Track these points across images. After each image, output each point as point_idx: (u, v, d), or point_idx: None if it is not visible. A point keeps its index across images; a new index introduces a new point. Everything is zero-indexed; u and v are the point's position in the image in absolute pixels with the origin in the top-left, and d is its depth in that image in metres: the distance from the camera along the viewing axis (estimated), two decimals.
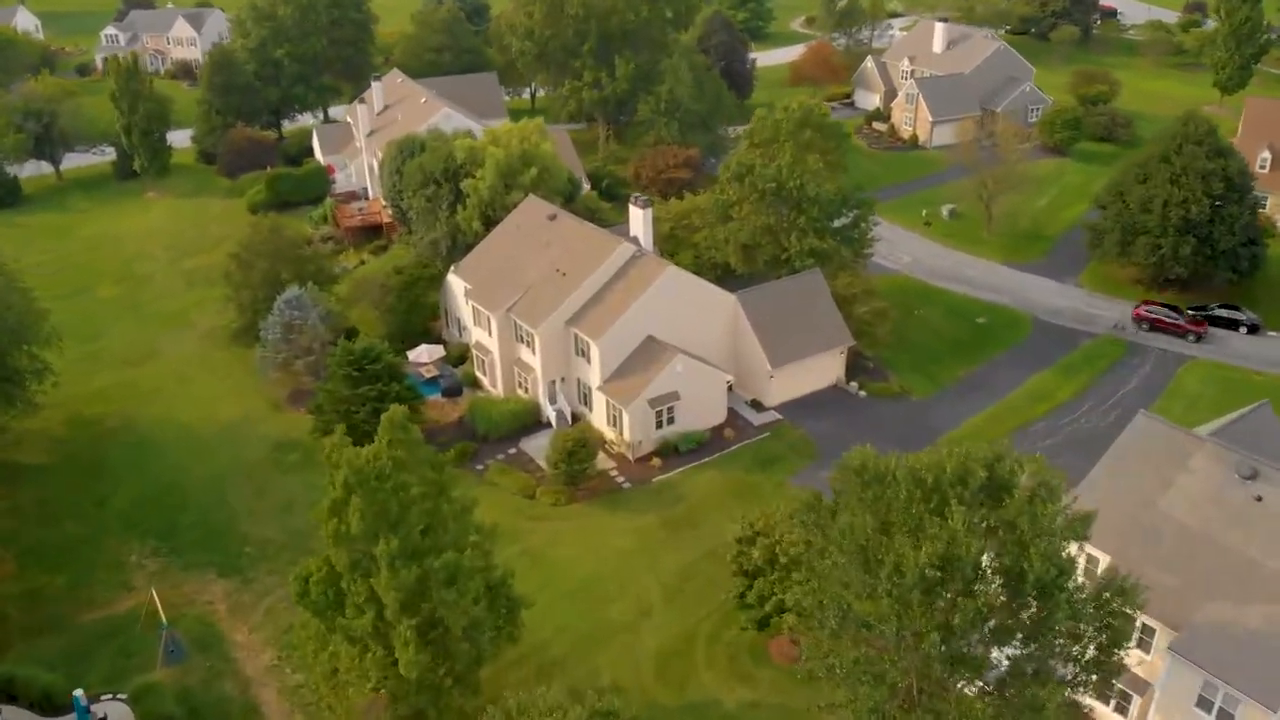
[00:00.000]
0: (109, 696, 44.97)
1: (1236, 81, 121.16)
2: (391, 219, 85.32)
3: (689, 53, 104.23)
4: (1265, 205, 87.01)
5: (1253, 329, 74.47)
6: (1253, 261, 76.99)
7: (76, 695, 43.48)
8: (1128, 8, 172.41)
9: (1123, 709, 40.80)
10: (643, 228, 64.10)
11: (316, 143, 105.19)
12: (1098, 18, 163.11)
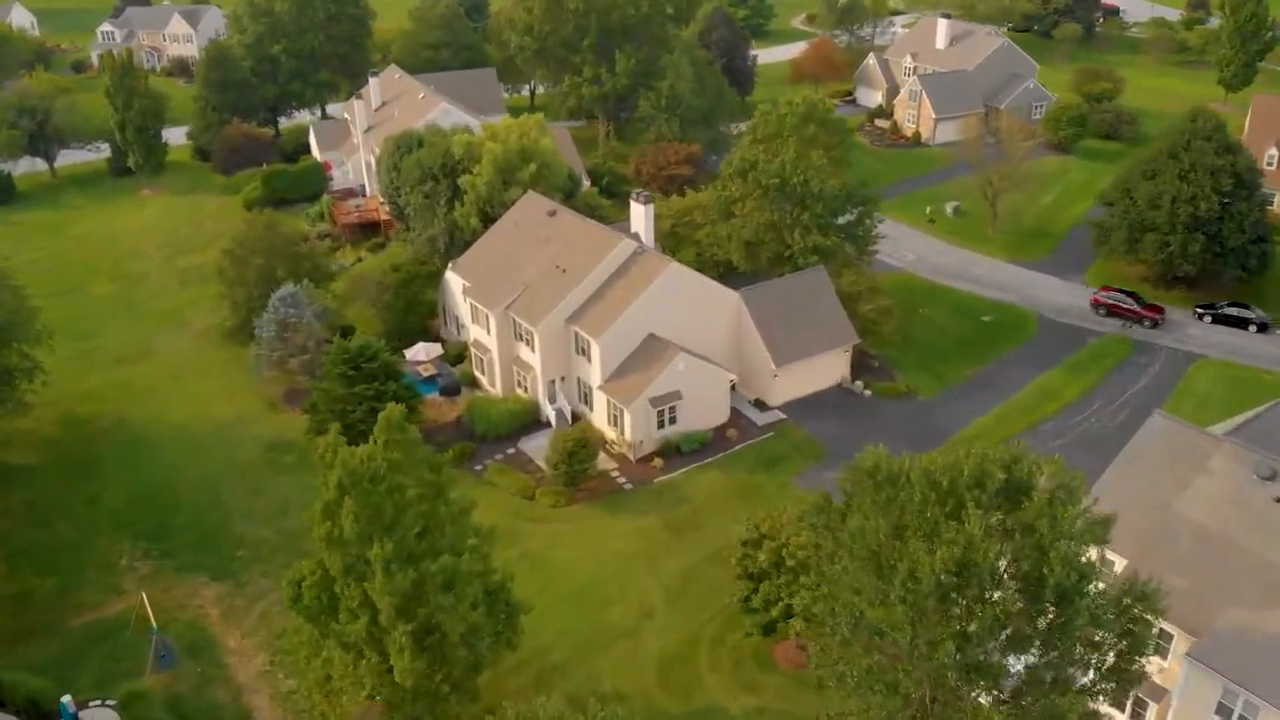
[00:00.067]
0: (97, 702, 44.02)
1: (1241, 79, 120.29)
2: (389, 216, 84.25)
3: (690, 48, 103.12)
4: (1274, 202, 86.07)
5: (1262, 327, 73.46)
6: (1262, 259, 75.89)
7: (64, 701, 42.62)
8: (1130, 5, 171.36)
9: (1138, 716, 39.72)
10: (644, 224, 63.02)
11: (313, 139, 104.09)
12: (1100, 15, 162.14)
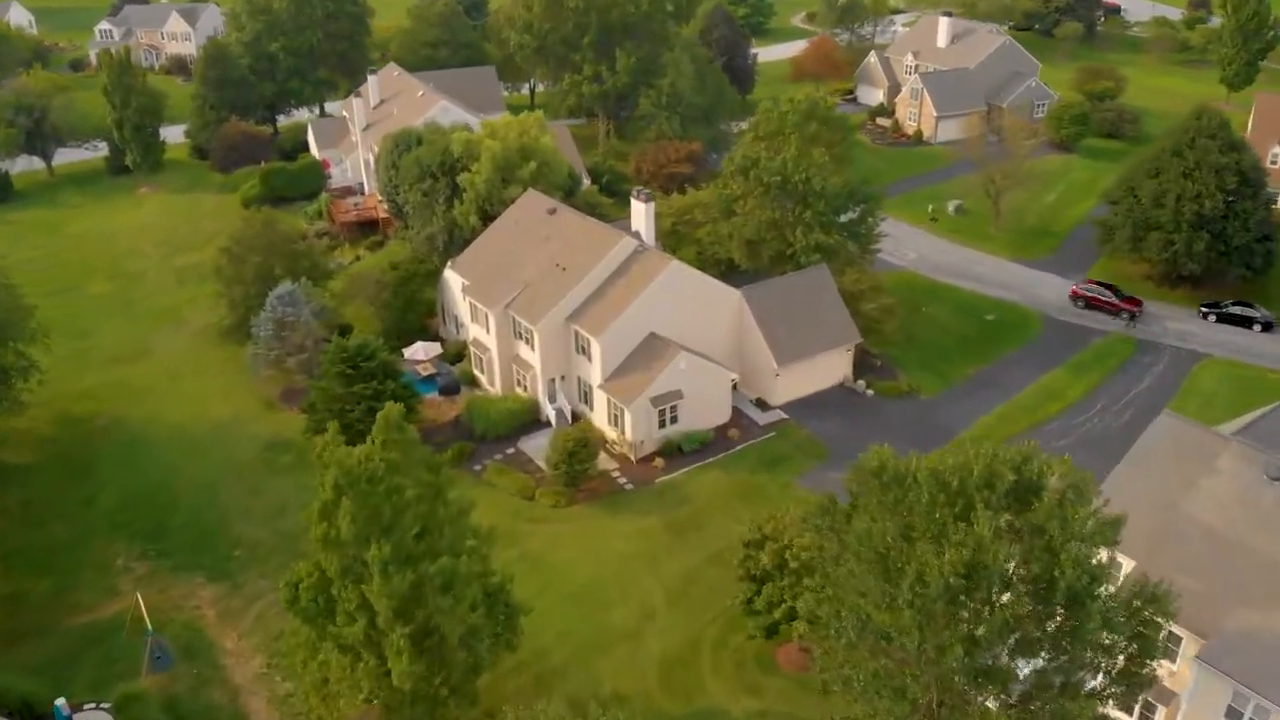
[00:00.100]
0: (92, 705, 43.39)
1: (1243, 78, 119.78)
2: (387, 214, 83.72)
3: (690, 46, 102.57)
4: (1278, 201, 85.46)
5: (1267, 327, 72.92)
6: (1266, 258, 75.33)
7: (58, 704, 42.05)
8: (1132, 4, 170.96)
9: None
10: (645, 222, 62.42)
11: (312, 137, 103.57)
12: (1101, 14, 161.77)
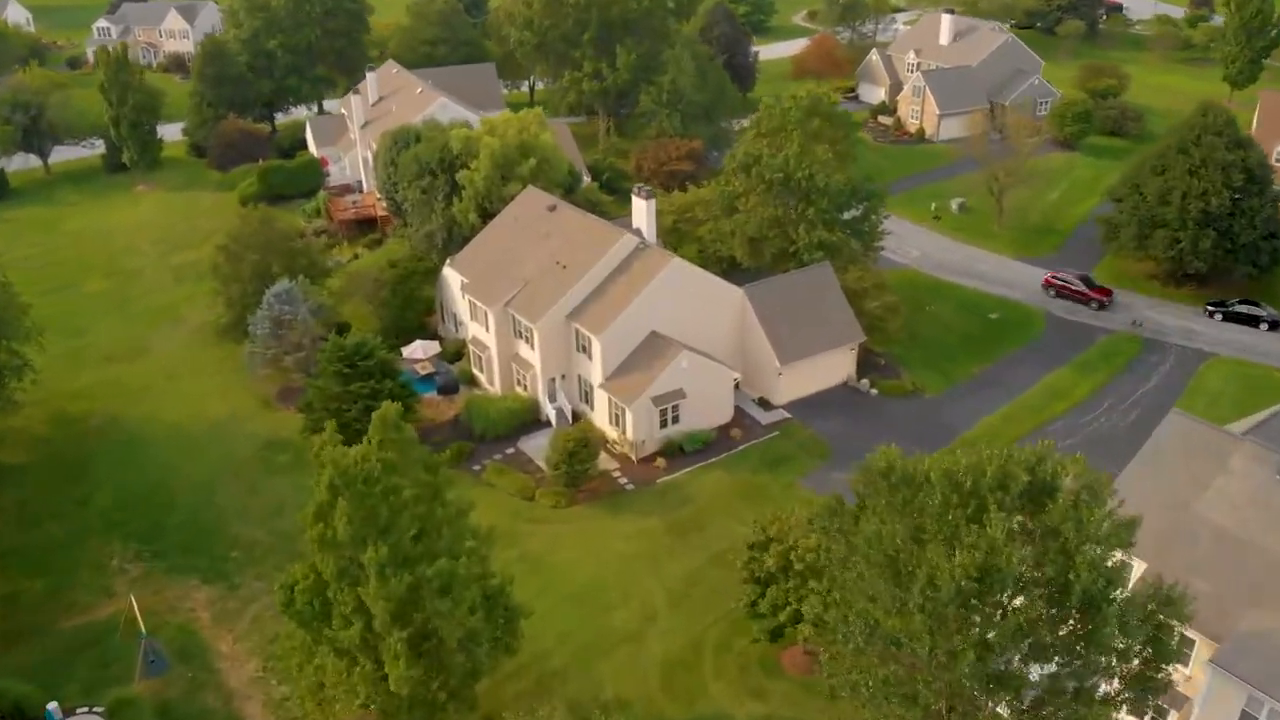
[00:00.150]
0: (85, 709, 42.73)
1: (1247, 76, 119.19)
2: (386, 212, 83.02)
3: (691, 43, 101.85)
4: None
5: (1274, 325, 72.26)
6: (1273, 256, 74.61)
7: (50, 709, 41.44)
8: (1134, 2, 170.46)
9: None
10: (646, 219, 61.69)
11: (310, 135, 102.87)
12: (1104, 12, 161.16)
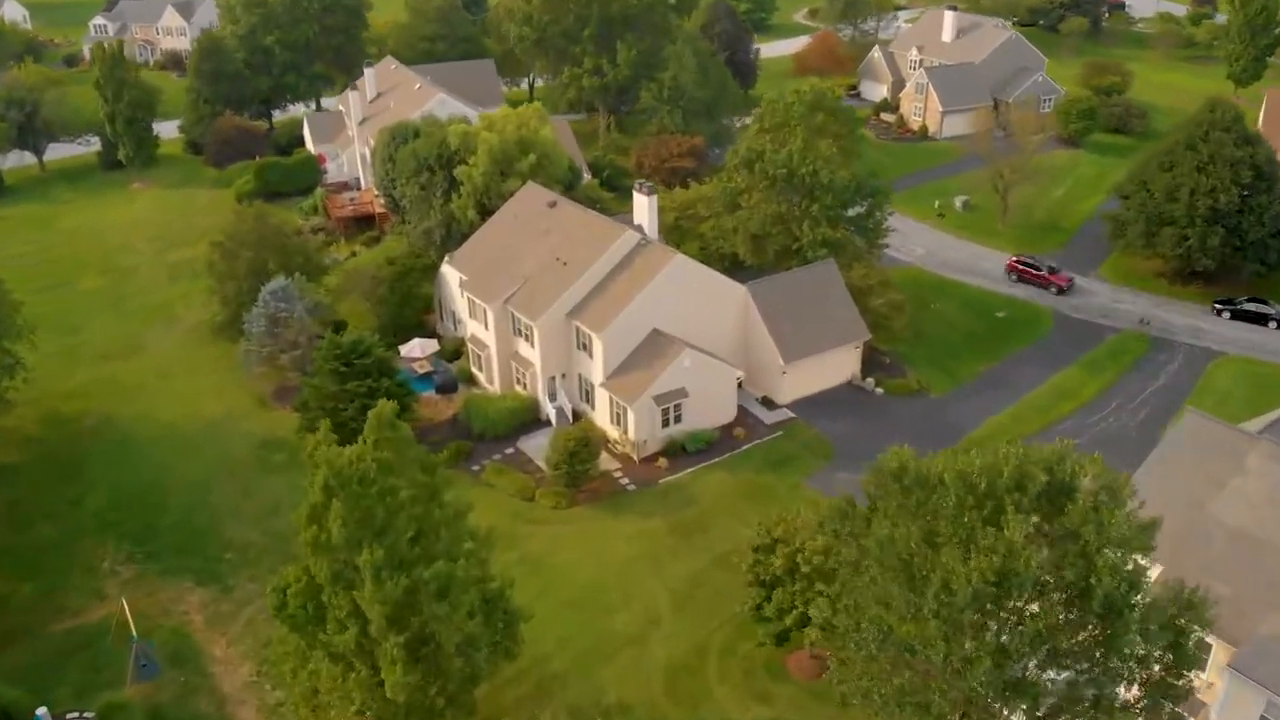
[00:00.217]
0: (75, 715, 41.96)
1: (1251, 74, 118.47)
2: (384, 209, 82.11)
3: (693, 39, 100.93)
4: None
5: None
6: None
7: (40, 714, 40.36)
8: (1136, 0, 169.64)
9: None
10: (647, 215, 60.86)
11: (307, 131, 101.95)
12: (1106, 10, 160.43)
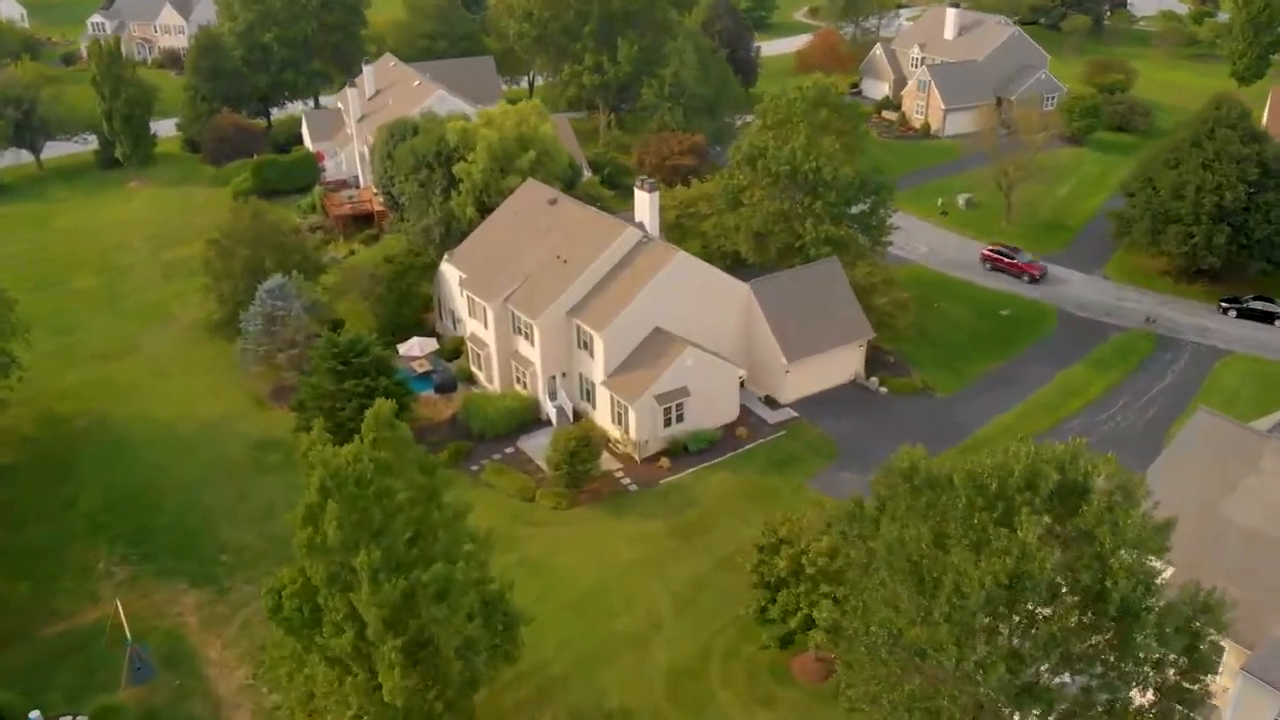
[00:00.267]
0: (68, 718, 41.28)
1: (1254, 71, 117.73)
2: (383, 207, 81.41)
3: (694, 35, 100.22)
4: None
5: None
6: None
7: (33, 717, 39.85)
8: None
9: None
10: (649, 212, 60.14)
11: (305, 129, 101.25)
12: (1108, 8, 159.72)
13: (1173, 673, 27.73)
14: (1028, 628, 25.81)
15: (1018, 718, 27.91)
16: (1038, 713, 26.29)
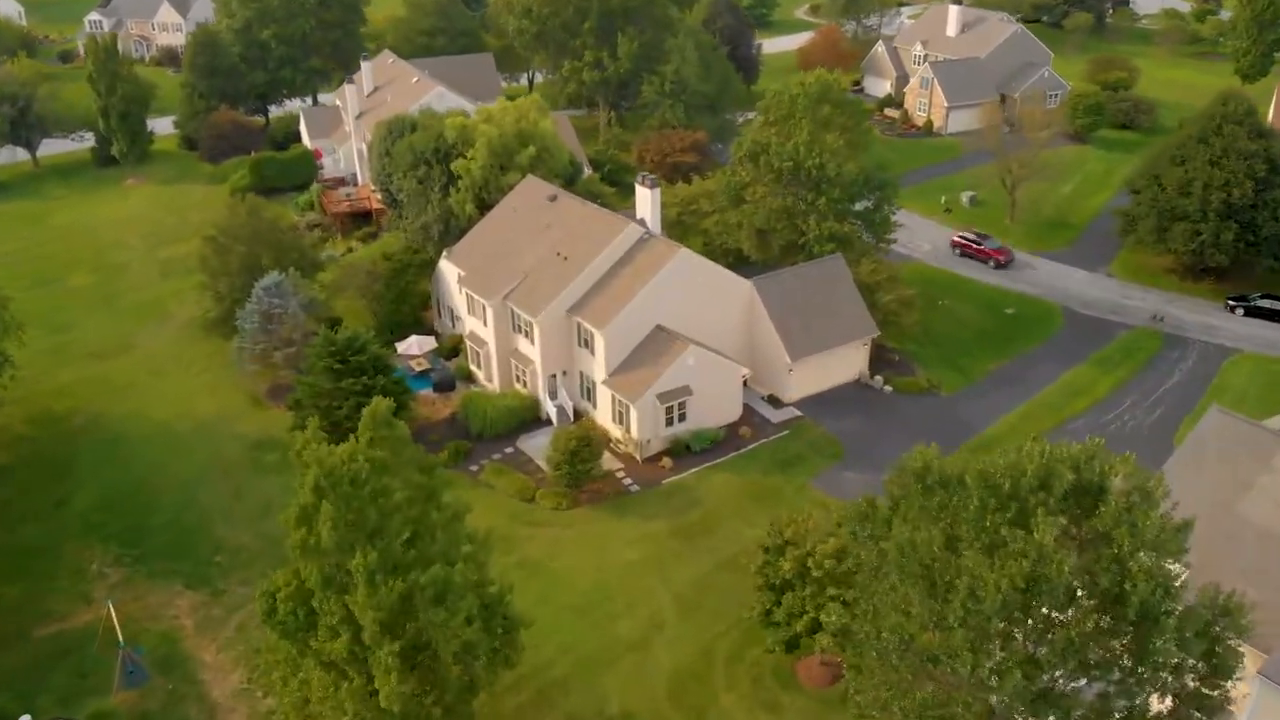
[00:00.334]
0: None
1: (1258, 69, 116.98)
2: (381, 204, 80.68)
3: (695, 32, 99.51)
4: None
5: None
6: None
7: None
8: None
9: None
10: (650, 209, 59.45)
11: (303, 126, 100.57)
12: (1110, 6, 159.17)
13: (1191, 679, 26.95)
14: (1044, 633, 25.07)
15: None
16: (1055, 717, 25.53)
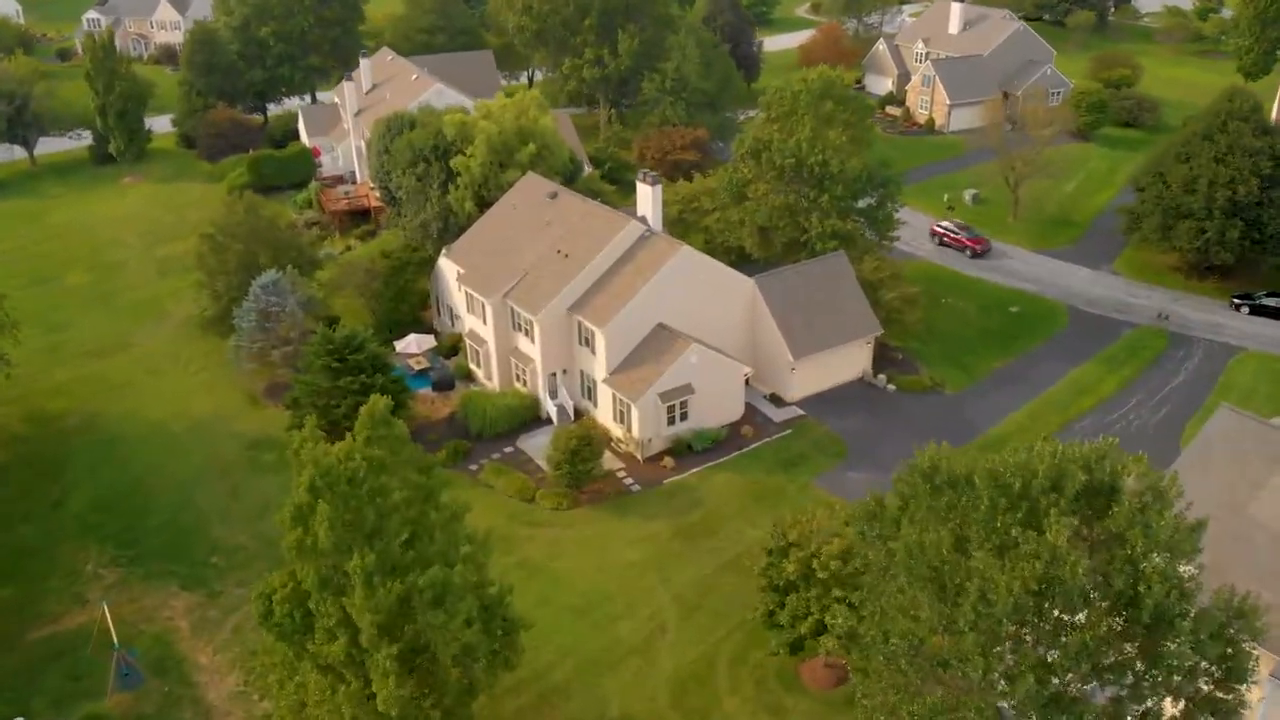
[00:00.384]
0: None
1: (1261, 67, 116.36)
2: (379, 202, 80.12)
3: (696, 29, 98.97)
4: None
5: None
6: None
7: None
8: None
9: None
10: (652, 206, 58.93)
11: (302, 124, 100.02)
12: (1112, 3, 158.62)
13: (1205, 682, 26.39)
14: (1056, 636, 24.51)
15: None
16: None
